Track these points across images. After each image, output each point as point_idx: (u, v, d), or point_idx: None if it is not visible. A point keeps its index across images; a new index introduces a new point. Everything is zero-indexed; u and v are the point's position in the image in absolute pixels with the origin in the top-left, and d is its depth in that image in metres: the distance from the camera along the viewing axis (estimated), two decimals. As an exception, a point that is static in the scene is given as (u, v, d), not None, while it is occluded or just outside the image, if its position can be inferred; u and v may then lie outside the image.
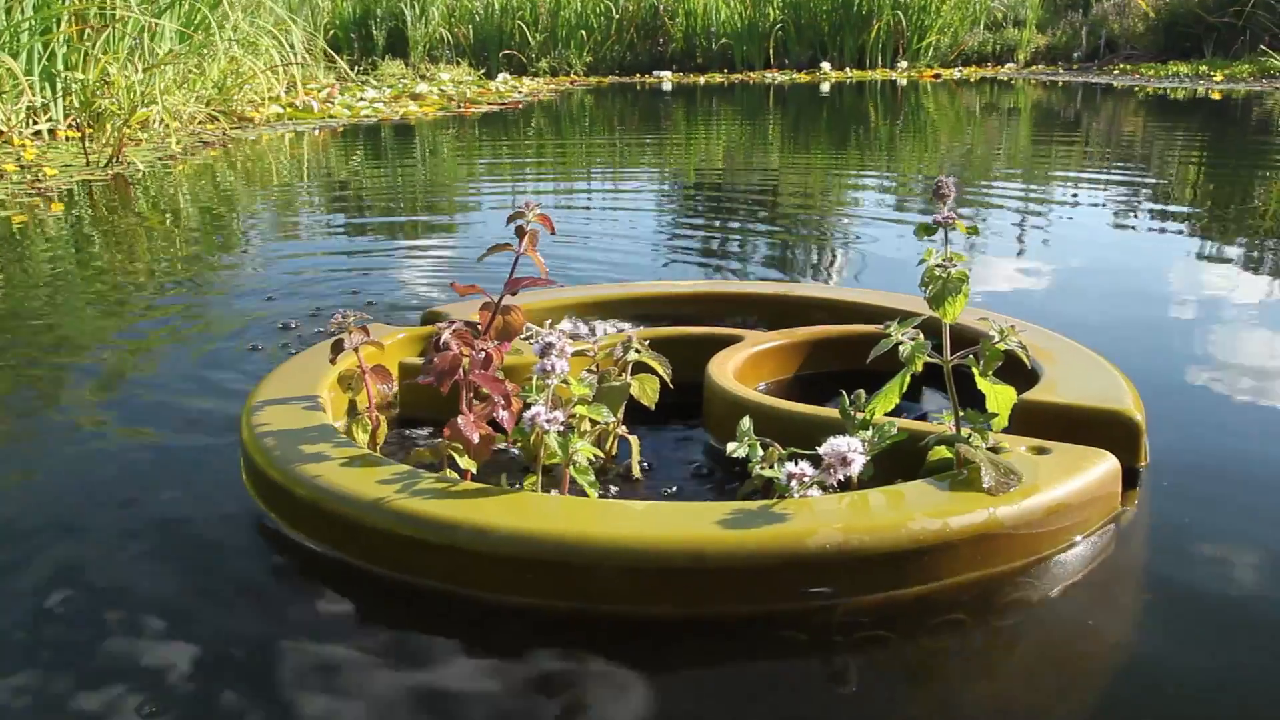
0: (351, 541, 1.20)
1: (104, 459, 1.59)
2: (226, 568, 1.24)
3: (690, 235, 3.39)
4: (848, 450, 1.11)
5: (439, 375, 1.27)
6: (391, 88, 10.38)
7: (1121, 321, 2.23)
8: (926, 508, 1.12)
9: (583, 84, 12.73)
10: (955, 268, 1.23)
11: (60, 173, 4.81)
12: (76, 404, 1.85)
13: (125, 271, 2.99)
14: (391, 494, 1.18)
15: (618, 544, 1.08)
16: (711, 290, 2.08)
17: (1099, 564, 1.19)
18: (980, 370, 1.21)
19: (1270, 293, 2.47)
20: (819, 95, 10.46)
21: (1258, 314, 2.27)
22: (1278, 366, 1.92)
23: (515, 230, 1.43)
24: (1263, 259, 2.87)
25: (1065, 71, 12.82)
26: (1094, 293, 2.52)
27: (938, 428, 1.30)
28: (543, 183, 4.95)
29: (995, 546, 1.13)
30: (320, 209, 4.21)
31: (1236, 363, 1.93)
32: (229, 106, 7.29)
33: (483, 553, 1.11)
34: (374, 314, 2.35)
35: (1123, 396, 1.42)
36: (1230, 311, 2.28)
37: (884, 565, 1.08)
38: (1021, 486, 1.16)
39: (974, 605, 1.11)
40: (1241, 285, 2.52)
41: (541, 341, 1.19)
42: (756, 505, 1.12)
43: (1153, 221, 3.48)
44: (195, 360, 2.05)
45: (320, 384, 1.54)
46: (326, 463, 1.27)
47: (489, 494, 1.17)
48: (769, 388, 1.73)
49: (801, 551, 1.07)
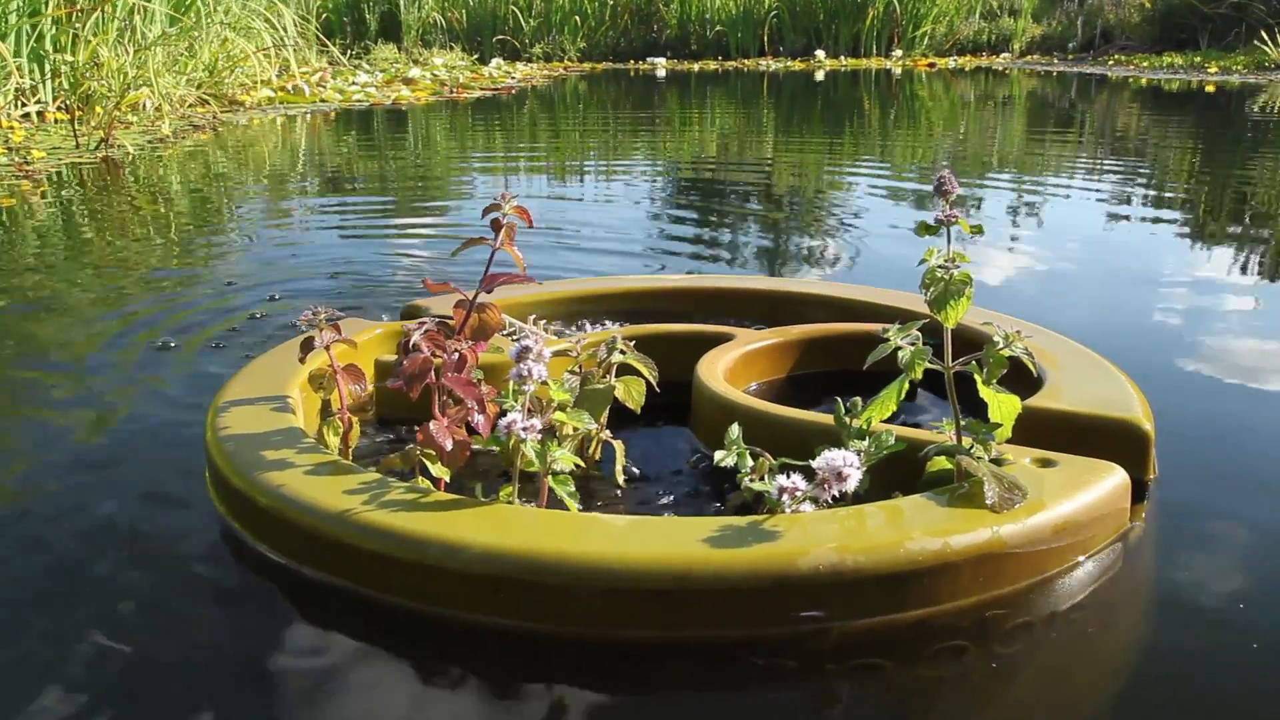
0: (315, 555, 1.13)
1: (65, 453, 1.52)
2: (184, 578, 1.17)
3: (682, 225, 3.32)
4: (843, 465, 1.04)
5: (408, 380, 1.20)
6: (384, 72, 10.27)
7: (1119, 320, 2.17)
8: (926, 526, 1.05)
9: (576, 70, 12.63)
10: (958, 269, 1.16)
11: (49, 155, 4.71)
12: (47, 395, 1.78)
13: (111, 257, 2.91)
14: (358, 505, 1.11)
15: (596, 563, 1.01)
16: (702, 285, 2.01)
17: (1106, 584, 1.12)
18: (983, 378, 1.15)
19: (1276, 292, 2.41)
20: (813, 84, 10.39)
21: (1263, 314, 2.21)
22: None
23: (491, 223, 1.36)
24: (1265, 258, 2.80)
25: (1060, 62, 12.77)
26: (1089, 289, 2.46)
27: (937, 437, 1.23)
28: (535, 170, 4.87)
29: (998, 567, 1.06)
30: (309, 195, 4.14)
31: (1242, 365, 1.86)
32: (220, 90, 7.18)
33: (453, 570, 1.04)
34: (355, 304, 2.29)
35: (1131, 404, 1.35)
36: (1232, 312, 2.22)
37: (880, 588, 1.02)
38: (1026, 503, 1.10)
39: (975, 630, 1.04)
40: (1243, 284, 2.46)
41: (518, 344, 1.12)
42: (745, 522, 1.05)
43: (1149, 217, 3.41)
44: (173, 348, 1.99)
45: (290, 384, 1.47)
46: (291, 470, 1.20)
47: (461, 506, 1.11)
48: (761, 388, 1.67)
49: (792, 573, 1.00)
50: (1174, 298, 2.34)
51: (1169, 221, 3.30)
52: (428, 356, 1.23)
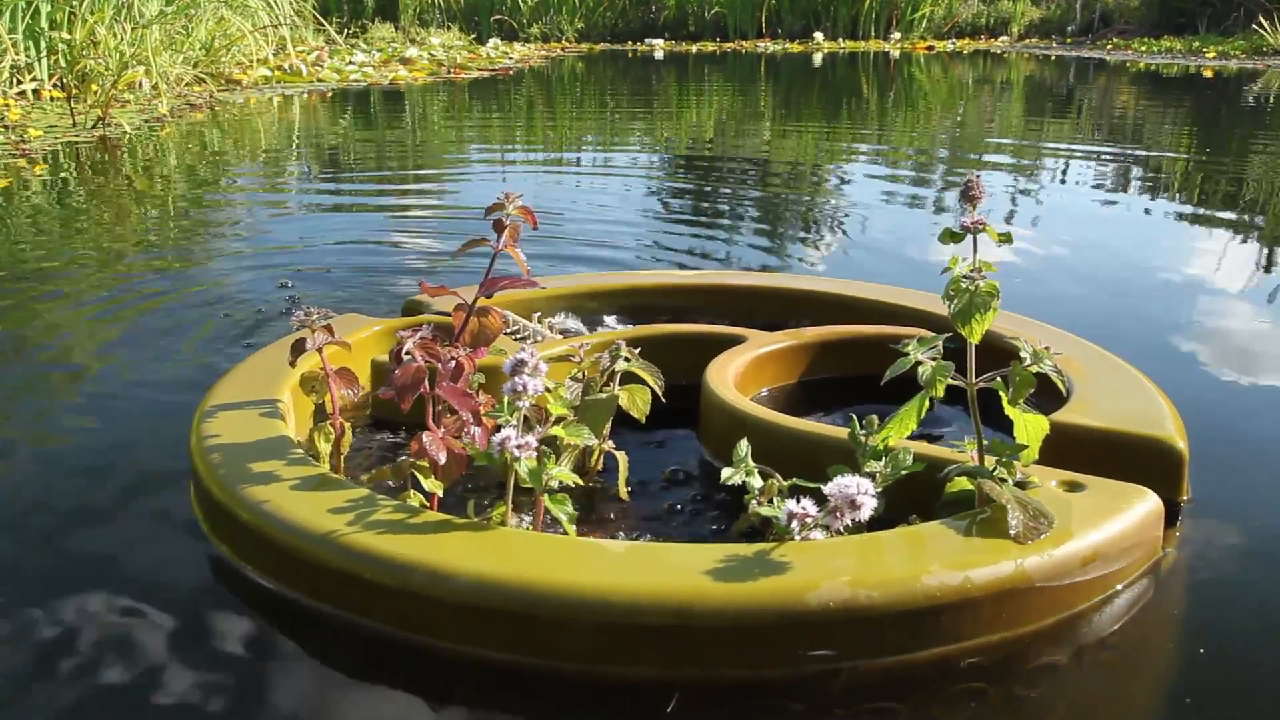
0: (295, 576, 1.07)
1: (49, 445, 1.47)
2: (163, 592, 1.11)
3: (679, 214, 3.23)
4: (857, 493, 0.97)
5: (399, 391, 1.13)
6: (381, 52, 10.20)
7: (1124, 317, 2.08)
8: (944, 557, 0.98)
9: (574, 51, 12.55)
10: (984, 279, 1.08)
11: (45, 134, 4.66)
12: (36, 383, 1.74)
13: (108, 238, 2.85)
14: (341, 525, 1.05)
15: (589, 595, 0.94)
16: (715, 283, 1.93)
17: (1136, 619, 1.05)
18: (1009, 397, 1.07)
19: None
20: (811, 66, 10.30)
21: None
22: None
23: (493, 224, 1.29)
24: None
25: (1058, 46, 12.65)
26: (1098, 283, 2.37)
27: (958, 456, 1.16)
28: (532, 152, 4.81)
29: (1022, 603, 0.99)
30: (306, 177, 4.07)
31: (1269, 365, 1.78)
32: (216, 69, 7.12)
33: (439, 599, 0.98)
34: (353, 292, 2.23)
35: (1164, 420, 1.28)
36: (1261, 312, 2.12)
37: (895, 625, 0.95)
38: (1052, 532, 1.02)
39: (996, 671, 0.97)
40: (1269, 280, 2.35)
41: (512, 358, 1.05)
42: (751, 551, 0.99)
43: (1167, 210, 3.31)
44: (168, 334, 1.94)
45: (281, 387, 1.41)
46: (276, 485, 1.14)
47: (449, 528, 1.04)
48: (773, 394, 1.59)
49: (800, 609, 0.93)
50: (1194, 297, 2.25)
51: (1185, 216, 3.21)
52: (420, 365, 1.16)
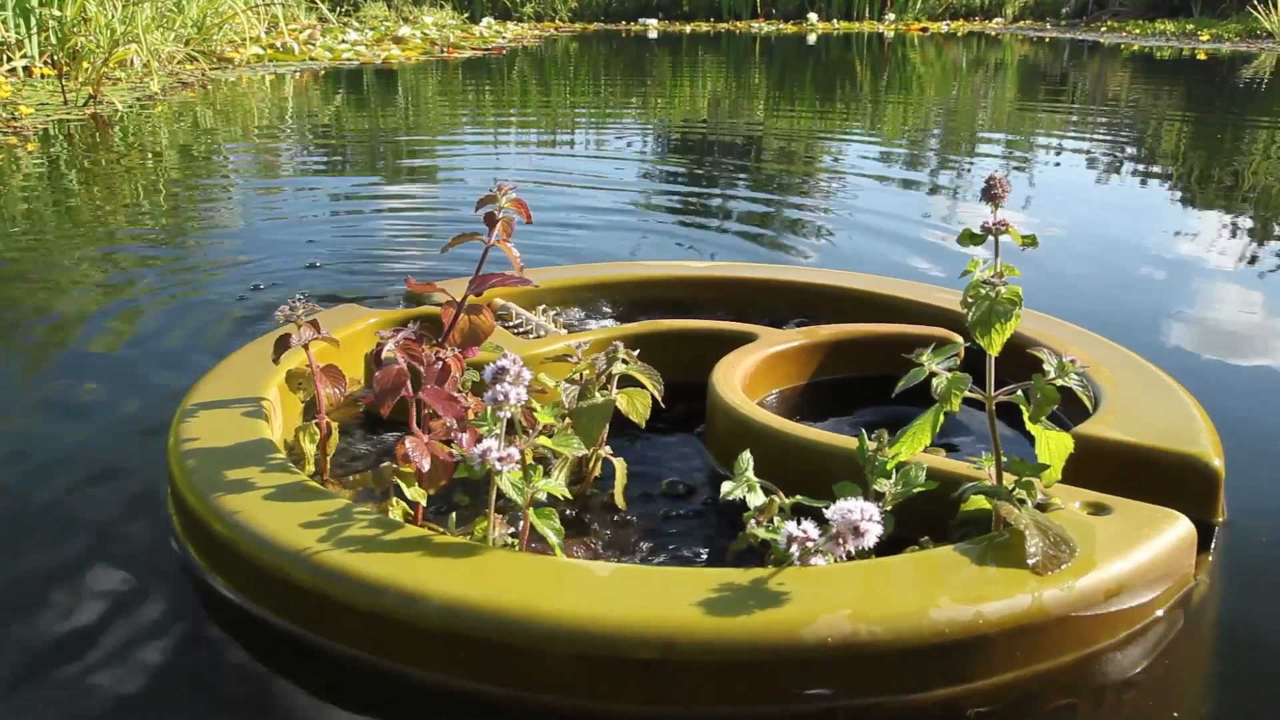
0: (265, 593, 1.02)
1: (29, 434, 1.42)
2: (132, 600, 1.06)
3: (674, 200, 3.14)
4: (860, 519, 0.89)
5: (379, 395, 1.07)
6: (374, 30, 10.18)
7: (1133, 314, 1.97)
8: (955, 589, 0.91)
9: (568, 30, 12.50)
10: (1005, 284, 1.00)
11: (36, 112, 4.64)
12: (22, 368, 1.71)
13: (99, 217, 2.83)
14: (313, 541, 0.99)
15: (569, 625, 0.87)
16: (726, 275, 1.86)
17: (1164, 657, 0.97)
18: (1030, 414, 0.99)
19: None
20: (805, 46, 10.18)
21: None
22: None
23: (485, 218, 1.22)
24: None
25: (1053, 27, 12.44)
26: (1100, 265, 2.27)
27: (975, 473, 1.08)
28: (526, 133, 4.74)
29: (1039, 639, 0.92)
30: (299, 158, 4.03)
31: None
32: (208, 46, 7.10)
33: (410, 623, 0.91)
34: (345, 281, 2.18)
35: (1198, 435, 1.19)
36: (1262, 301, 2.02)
37: (900, 664, 0.87)
38: (1074, 561, 0.95)
39: (1011, 713, 0.89)
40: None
41: (493, 366, 0.98)
42: (746, 579, 0.91)
43: (1175, 198, 3.18)
44: (156, 321, 1.91)
45: (267, 384, 1.35)
46: (251, 493, 1.08)
47: (425, 546, 0.98)
48: (784, 396, 1.52)
49: (795, 644, 0.86)
50: (1203, 287, 2.14)
51: (1194, 203, 3.07)
52: (402, 368, 1.10)
